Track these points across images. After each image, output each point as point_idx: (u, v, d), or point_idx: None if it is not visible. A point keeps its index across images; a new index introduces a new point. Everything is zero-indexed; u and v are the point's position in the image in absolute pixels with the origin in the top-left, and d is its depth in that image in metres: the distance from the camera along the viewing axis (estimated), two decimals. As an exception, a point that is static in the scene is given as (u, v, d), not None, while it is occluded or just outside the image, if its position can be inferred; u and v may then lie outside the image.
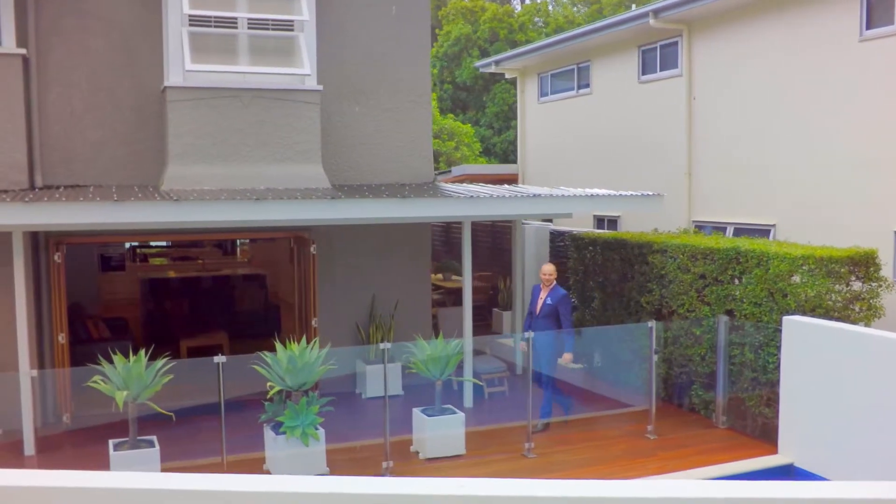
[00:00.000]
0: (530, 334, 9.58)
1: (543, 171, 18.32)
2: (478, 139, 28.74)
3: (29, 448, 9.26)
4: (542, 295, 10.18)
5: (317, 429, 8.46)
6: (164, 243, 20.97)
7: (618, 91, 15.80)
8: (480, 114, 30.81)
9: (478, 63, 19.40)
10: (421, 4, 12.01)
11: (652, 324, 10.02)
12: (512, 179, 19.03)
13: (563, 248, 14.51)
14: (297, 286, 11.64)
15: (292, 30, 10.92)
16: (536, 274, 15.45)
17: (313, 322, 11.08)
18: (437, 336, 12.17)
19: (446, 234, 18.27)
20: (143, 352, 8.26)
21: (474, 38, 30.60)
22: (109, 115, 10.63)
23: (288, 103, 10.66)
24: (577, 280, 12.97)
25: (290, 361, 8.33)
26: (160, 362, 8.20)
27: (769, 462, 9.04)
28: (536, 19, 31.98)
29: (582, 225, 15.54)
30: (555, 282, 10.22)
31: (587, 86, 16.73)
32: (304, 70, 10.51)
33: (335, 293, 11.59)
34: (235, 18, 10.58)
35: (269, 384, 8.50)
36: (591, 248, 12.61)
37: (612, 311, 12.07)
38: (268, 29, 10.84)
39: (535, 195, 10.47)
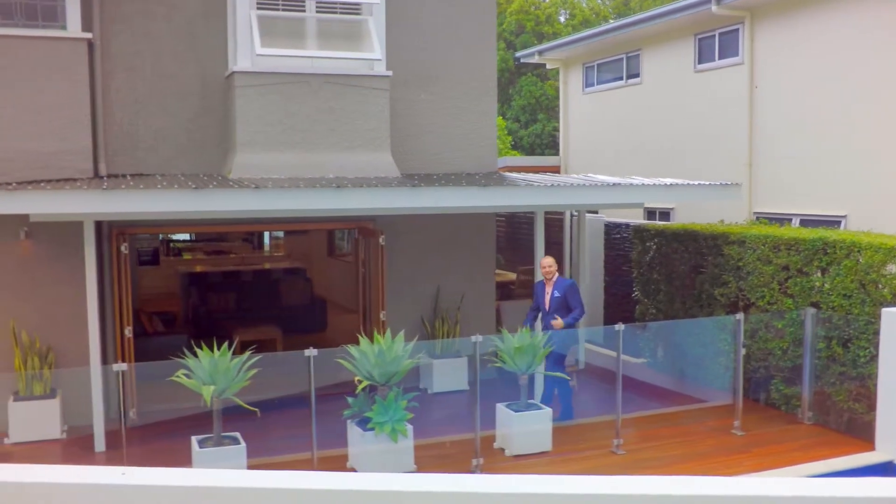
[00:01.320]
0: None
1: (587, 162, 17.98)
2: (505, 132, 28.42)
3: (100, 444, 8.97)
4: (548, 289, 9.73)
5: (405, 425, 8.15)
6: (186, 236, 20.58)
7: (671, 80, 15.47)
8: (506, 107, 30.47)
9: (519, 53, 19.09)
10: (486, -12, 11.68)
11: (740, 316, 9.70)
12: (553, 171, 18.69)
13: (619, 240, 14.18)
14: (361, 278, 11.32)
15: (360, 13, 10.60)
16: (593, 267, 15.16)
17: (381, 315, 10.76)
18: (500, 329, 11.88)
19: (488, 227, 17.93)
20: (226, 345, 7.94)
21: (500, 31, 30.25)
22: (173, 101, 10.30)
23: (357, 89, 10.34)
24: (641, 272, 12.65)
25: (378, 355, 8.01)
26: (245, 356, 7.88)
27: (867, 459, 8.72)
28: (563, 11, 31.62)
29: (631, 217, 15.20)
30: (556, 273, 9.79)
31: (637, 75, 16.39)
32: (374, 55, 10.19)
33: (399, 285, 11.26)
34: (303, 1, 10.26)
35: (356, 379, 8.19)
36: (656, 239, 12.28)
37: (681, 303, 11.74)
38: (336, 12, 10.52)
39: (614, 184, 10.15)
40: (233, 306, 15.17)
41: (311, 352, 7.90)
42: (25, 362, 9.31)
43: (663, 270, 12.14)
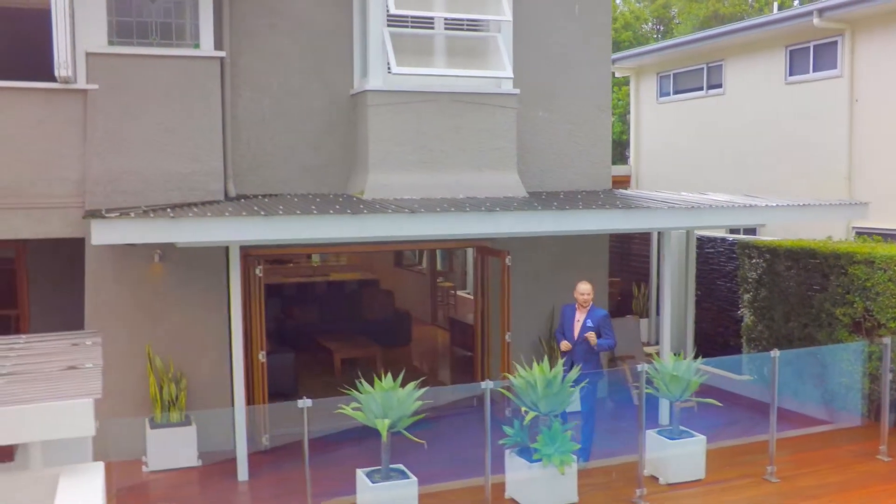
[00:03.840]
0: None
1: (661, 172, 17.82)
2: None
3: (243, 473, 8.80)
4: (580, 317, 9.06)
5: (571, 454, 7.99)
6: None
7: (758, 92, 15.31)
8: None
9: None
10: (603, 3, 11.51)
11: (887, 340, 9.55)
12: (623, 182, 18.53)
13: (711, 254, 14.03)
14: (479, 298, 11.15)
15: (487, 30, 10.43)
16: (679, 281, 15.00)
17: (507, 337, 10.59)
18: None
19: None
20: (390, 375, 7.77)
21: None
22: (299, 120, 10.13)
23: (485, 107, 10.18)
24: (748, 290, 12.50)
25: (547, 386, 7.85)
26: (411, 386, 7.70)
27: None
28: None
29: (715, 231, 15.02)
30: (591, 302, 9.12)
31: (719, 86, 16.23)
32: (506, 73, 10.03)
33: (517, 305, 11.09)
34: (431, 18, 10.09)
35: (523, 410, 8.03)
36: (766, 256, 12.13)
37: (797, 322, 11.58)
38: (463, 29, 10.35)
39: (750, 205, 10.00)
40: (318, 319, 14.99)
41: (487, 384, 7.71)
42: (161, 389, 9.14)
43: (775, 288, 11.98)
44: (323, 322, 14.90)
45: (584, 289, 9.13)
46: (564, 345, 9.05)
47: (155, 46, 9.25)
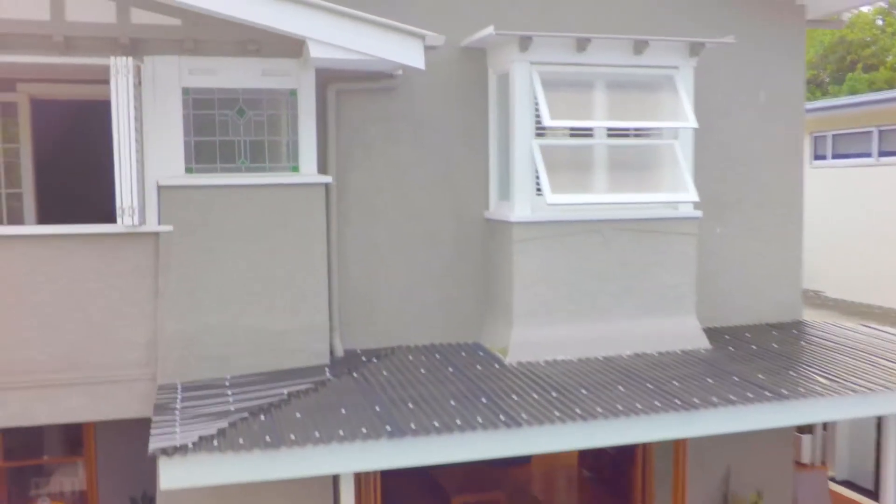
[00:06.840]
0: None
1: (812, 248, 15.23)
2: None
3: None
4: None
5: None
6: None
7: (949, 165, 12.71)
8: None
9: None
10: (796, 86, 9.14)
11: None
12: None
13: None
14: (640, 462, 8.92)
15: (659, 136, 8.17)
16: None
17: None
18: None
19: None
20: None
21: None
22: (420, 249, 8.05)
23: (659, 236, 7.93)
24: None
25: None
26: None
27: None
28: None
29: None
30: None
31: (893, 154, 13.63)
32: (688, 194, 7.75)
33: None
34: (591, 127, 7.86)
35: None
36: None
37: None
38: (629, 136, 8.12)
39: None
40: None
41: None
42: None
43: None
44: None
45: None
46: None
47: (244, 173, 7.23)
